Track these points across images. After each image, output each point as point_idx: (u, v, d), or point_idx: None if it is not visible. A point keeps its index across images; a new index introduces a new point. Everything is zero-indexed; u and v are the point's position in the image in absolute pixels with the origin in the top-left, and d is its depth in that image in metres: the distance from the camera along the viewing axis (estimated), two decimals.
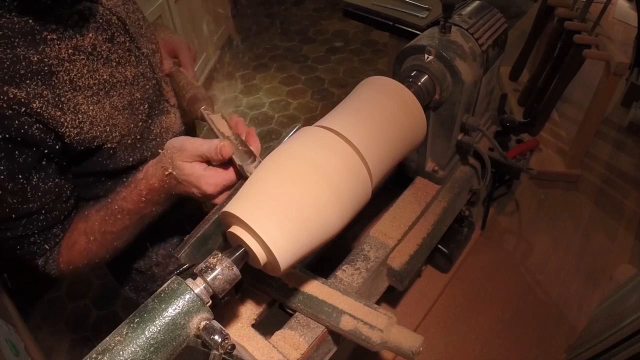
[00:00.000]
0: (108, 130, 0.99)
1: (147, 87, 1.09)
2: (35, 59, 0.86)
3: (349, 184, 0.71)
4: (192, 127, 1.33)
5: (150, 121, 1.11)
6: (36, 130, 0.86)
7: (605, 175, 1.65)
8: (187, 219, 1.22)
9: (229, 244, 0.73)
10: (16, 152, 0.85)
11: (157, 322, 0.56)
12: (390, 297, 1.22)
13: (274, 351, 0.78)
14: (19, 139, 0.84)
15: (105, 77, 0.98)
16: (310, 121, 0.81)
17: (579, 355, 1.06)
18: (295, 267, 0.85)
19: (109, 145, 1.00)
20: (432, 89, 0.94)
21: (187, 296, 0.58)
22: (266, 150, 0.76)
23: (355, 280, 0.91)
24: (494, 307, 1.26)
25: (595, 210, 1.53)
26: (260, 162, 0.82)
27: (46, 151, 0.89)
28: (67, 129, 0.91)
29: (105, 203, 0.99)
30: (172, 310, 0.57)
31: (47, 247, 0.98)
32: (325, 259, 1.09)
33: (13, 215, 0.90)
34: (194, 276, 0.62)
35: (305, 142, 0.73)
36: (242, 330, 0.83)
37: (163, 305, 0.57)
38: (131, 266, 1.35)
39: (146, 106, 1.08)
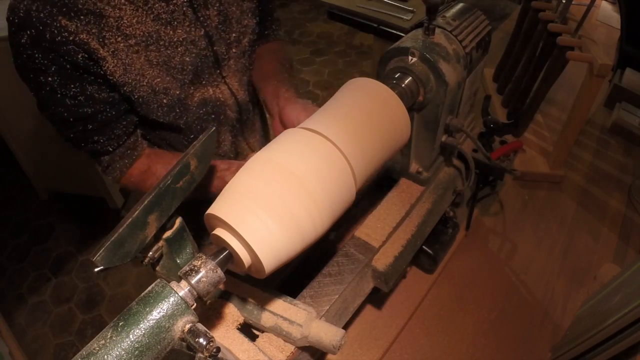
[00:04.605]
0: (137, 79, 1.05)
1: (195, 53, 1.12)
2: (91, 0, 0.94)
3: (333, 185, 0.71)
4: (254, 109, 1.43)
5: (193, 88, 1.17)
6: (81, 59, 0.95)
7: (589, 176, 1.67)
8: None
9: (149, 246, 0.75)
10: (68, 67, 0.95)
11: (141, 325, 0.56)
12: (376, 299, 1.22)
13: (259, 354, 0.78)
14: (68, 59, 0.94)
15: (150, 31, 1.03)
16: None
17: (564, 354, 1.07)
18: None
19: (137, 95, 1.06)
20: (416, 91, 0.95)
21: (172, 299, 0.58)
22: None
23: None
24: (479, 307, 1.26)
25: (579, 211, 1.54)
26: None
27: (93, 73, 0.99)
28: (107, 65, 0.99)
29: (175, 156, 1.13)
30: (157, 314, 0.57)
31: (110, 148, 1.09)
32: (310, 261, 1.10)
33: (71, 119, 1.01)
34: (178, 279, 0.62)
35: (290, 144, 0.73)
36: (227, 332, 0.82)
37: (147, 309, 0.57)
38: None
39: (190, 72, 1.13)
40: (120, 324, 0.56)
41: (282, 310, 0.82)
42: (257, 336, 0.84)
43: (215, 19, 1.14)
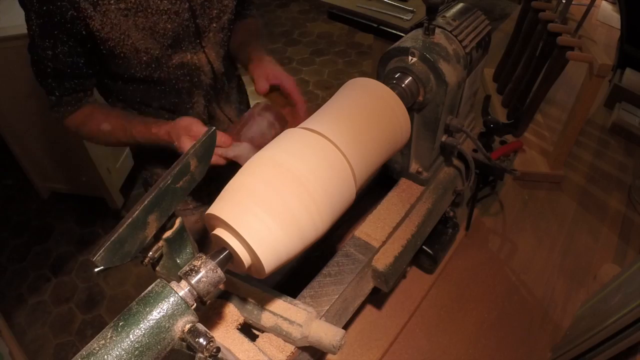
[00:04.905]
0: (122, 38, 1.17)
1: (177, 23, 1.24)
2: None
3: (333, 185, 0.71)
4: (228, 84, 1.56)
5: (172, 51, 1.29)
6: (69, 16, 1.09)
7: (589, 176, 1.67)
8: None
9: (149, 247, 0.75)
10: (53, 20, 1.10)
11: (141, 325, 0.56)
12: (376, 299, 1.22)
13: (259, 354, 0.78)
14: (58, 13, 1.09)
15: None
16: None
17: (564, 354, 1.07)
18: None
19: (119, 51, 1.19)
20: (416, 91, 0.95)
21: (172, 299, 0.58)
22: None
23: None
24: (479, 307, 1.26)
25: (579, 211, 1.54)
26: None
27: (74, 31, 1.13)
28: (93, 22, 1.12)
29: (119, 114, 1.30)
30: (157, 314, 0.57)
31: (57, 92, 1.26)
32: (309, 261, 1.10)
33: (35, 57, 1.20)
34: (178, 279, 0.62)
35: (290, 144, 0.73)
36: (227, 332, 0.82)
37: (147, 309, 0.57)
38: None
39: (170, 38, 1.25)
40: (120, 324, 0.56)
41: (282, 310, 0.82)
42: (257, 336, 0.84)
43: None
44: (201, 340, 0.57)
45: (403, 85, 0.93)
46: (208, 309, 0.85)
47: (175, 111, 1.42)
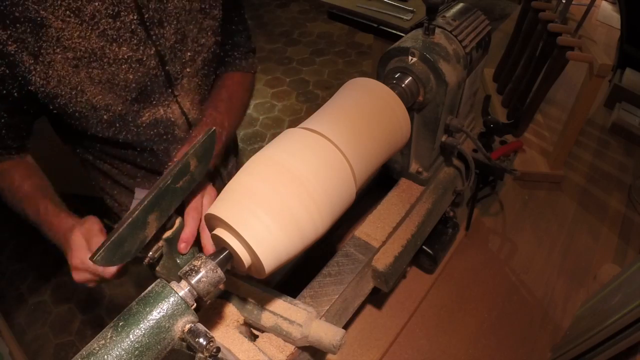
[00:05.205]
0: (74, 94, 1.00)
1: (141, 72, 1.07)
2: (33, 8, 0.89)
3: (333, 185, 0.71)
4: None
5: (140, 105, 1.11)
6: (0, 72, 0.93)
7: (589, 176, 1.67)
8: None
9: (149, 247, 0.76)
10: None
11: (141, 325, 0.56)
12: (376, 299, 1.22)
13: (259, 354, 0.78)
14: None
15: (93, 47, 0.98)
16: (295, 123, 0.83)
17: (564, 354, 1.07)
18: None
19: (73, 109, 1.02)
20: (416, 91, 0.95)
21: (172, 299, 0.58)
22: (252, 153, 0.77)
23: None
24: (479, 308, 1.26)
25: (579, 211, 1.54)
26: None
27: (4, 92, 0.96)
28: (34, 77, 0.95)
29: (40, 185, 1.13)
30: (157, 314, 0.57)
31: None
32: (310, 260, 1.10)
33: None
34: (178, 279, 0.62)
35: (290, 144, 0.73)
36: (227, 332, 0.82)
37: (147, 309, 0.57)
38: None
39: (134, 91, 1.07)
40: (120, 324, 0.56)
41: (282, 310, 0.82)
42: (257, 336, 0.84)
43: (171, 37, 1.09)
44: (201, 340, 0.57)
45: (403, 85, 0.93)
46: (208, 309, 0.85)
47: (152, 171, 1.26)
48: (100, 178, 1.30)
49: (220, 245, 0.67)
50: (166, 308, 0.57)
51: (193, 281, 0.61)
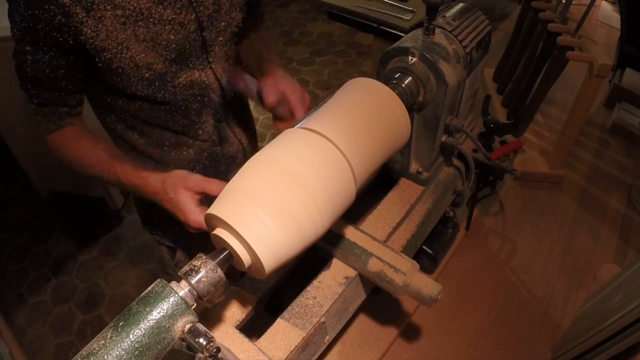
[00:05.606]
0: (119, 49, 1.06)
1: (182, 35, 1.14)
2: None
3: (333, 185, 0.71)
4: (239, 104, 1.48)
5: (178, 67, 1.18)
6: (56, 22, 0.98)
7: (589, 176, 1.67)
8: None
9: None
10: (38, 25, 0.98)
11: (141, 325, 0.56)
12: (376, 298, 1.22)
13: (259, 354, 0.78)
14: (44, 16, 0.97)
15: (142, 7, 1.05)
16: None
17: (564, 354, 1.07)
18: None
19: (117, 64, 1.08)
20: (416, 91, 0.95)
21: (172, 299, 0.58)
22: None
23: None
24: (479, 308, 1.26)
25: (579, 211, 1.54)
26: None
27: (60, 40, 1.01)
28: (85, 29, 1.00)
29: (106, 147, 1.17)
30: (157, 314, 0.57)
31: (35, 100, 1.13)
32: (310, 260, 1.09)
33: (15, 60, 1.08)
34: (178, 279, 0.62)
35: (290, 144, 0.73)
36: (227, 332, 0.82)
37: (147, 309, 0.57)
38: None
39: (174, 51, 1.15)
40: (120, 324, 0.56)
41: (390, 258, 0.88)
42: (256, 337, 0.84)
43: (210, 6, 1.18)
44: (201, 340, 0.57)
45: (403, 85, 0.93)
46: (208, 309, 0.85)
47: (183, 133, 1.32)
48: (126, 150, 1.34)
49: (220, 245, 0.67)
50: (166, 308, 0.58)
51: (193, 281, 0.61)
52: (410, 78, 0.94)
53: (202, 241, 0.93)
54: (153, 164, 1.34)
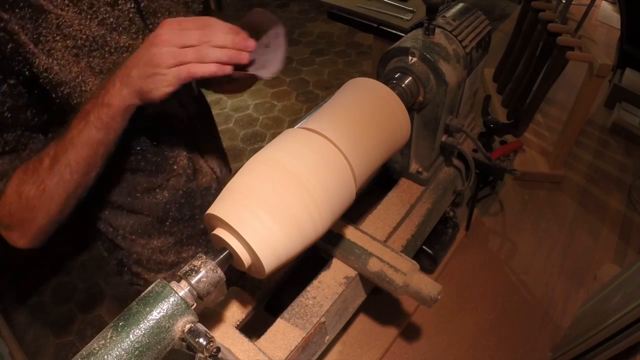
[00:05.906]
0: (77, 83, 0.96)
1: None
2: None
3: (333, 185, 0.71)
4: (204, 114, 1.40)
5: None
6: (8, 49, 0.87)
7: (589, 176, 1.67)
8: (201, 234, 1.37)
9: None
10: None
11: (141, 325, 0.56)
12: (376, 299, 1.22)
13: (259, 354, 0.78)
14: None
15: (94, 36, 0.96)
16: (294, 123, 0.81)
17: (564, 354, 1.07)
18: None
19: (77, 100, 0.97)
20: (415, 91, 0.95)
21: (172, 299, 0.58)
22: (252, 153, 0.77)
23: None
24: (479, 308, 1.26)
25: (579, 211, 1.54)
26: None
27: (15, 69, 0.90)
28: (37, 60, 0.90)
29: (56, 141, 0.95)
30: (157, 314, 0.57)
31: None
32: (310, 260, 1.09)
33: None
34: (178, 279, 0.62)
35: (289, 144, 0.73)
36: (227, 333, 0.82)
37: (147, 309, 0.57)
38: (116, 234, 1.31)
39: None
40: (120, 324, 0.56)
41: (389, 258, 0.88)
42: (256, 337, 0.84)
43: None
44: (201, 340, 0.57)
45: (403, 85, 0.93)
46: (208, 309, 0.85)
47: (157, 172, 1.21)
48: (94, 206, 1.25)
49: (220, 245, 0.67)
50: (166, 308, 0.57)
51: (193, 281, 0.61)
52: (410, 78, 0.94)
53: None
54: (124, 214, 1.25)
